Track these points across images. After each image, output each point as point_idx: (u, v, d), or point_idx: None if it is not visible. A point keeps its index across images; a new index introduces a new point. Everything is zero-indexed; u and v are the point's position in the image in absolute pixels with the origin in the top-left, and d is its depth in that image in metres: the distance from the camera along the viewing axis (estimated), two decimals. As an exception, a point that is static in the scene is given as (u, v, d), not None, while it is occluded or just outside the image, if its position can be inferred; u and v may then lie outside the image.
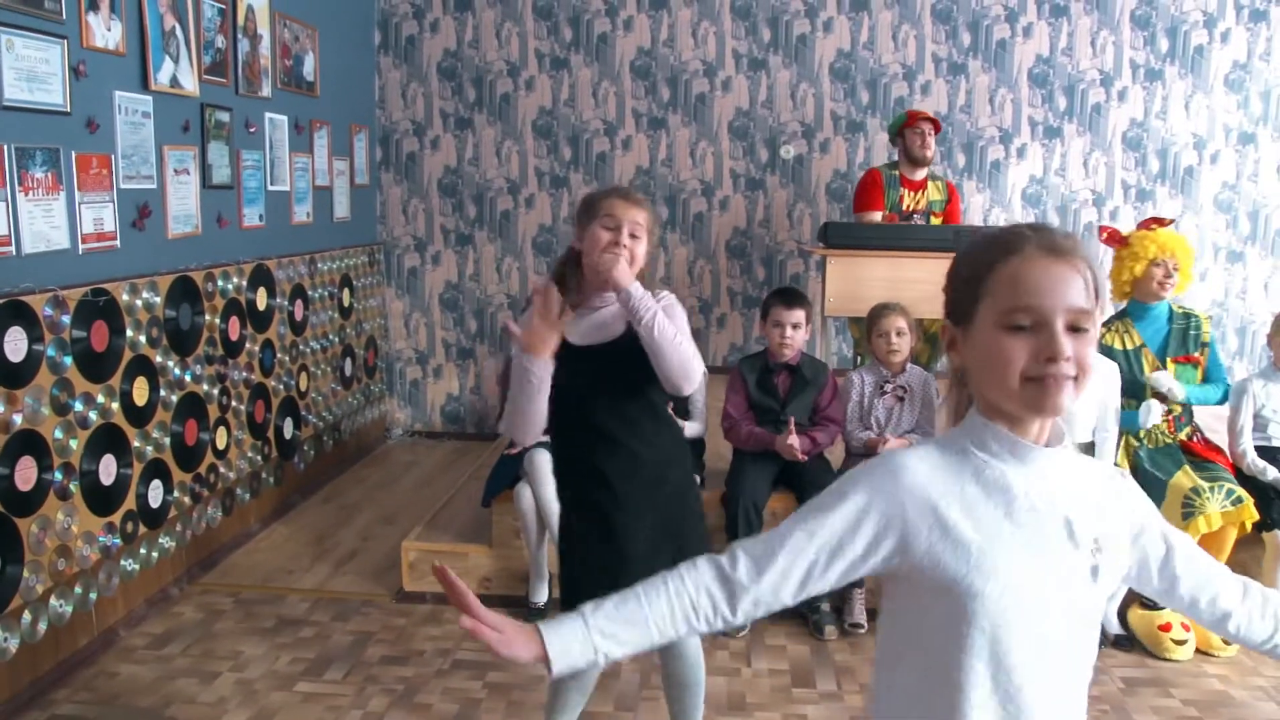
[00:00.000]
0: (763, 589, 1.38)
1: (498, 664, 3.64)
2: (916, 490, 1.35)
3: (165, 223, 4.16)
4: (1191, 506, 3.77)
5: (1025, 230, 1.36)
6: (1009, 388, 1.32)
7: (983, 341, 1.34)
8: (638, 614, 1.38)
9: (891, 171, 5.44)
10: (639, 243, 2.53)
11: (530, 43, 6.34)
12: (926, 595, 1.37)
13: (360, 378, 6.27)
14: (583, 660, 1.36)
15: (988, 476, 1.36)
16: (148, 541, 4.02)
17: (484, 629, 1.35)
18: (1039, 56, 6.24)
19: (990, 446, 1.37)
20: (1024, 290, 1.30)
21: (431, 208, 6.54)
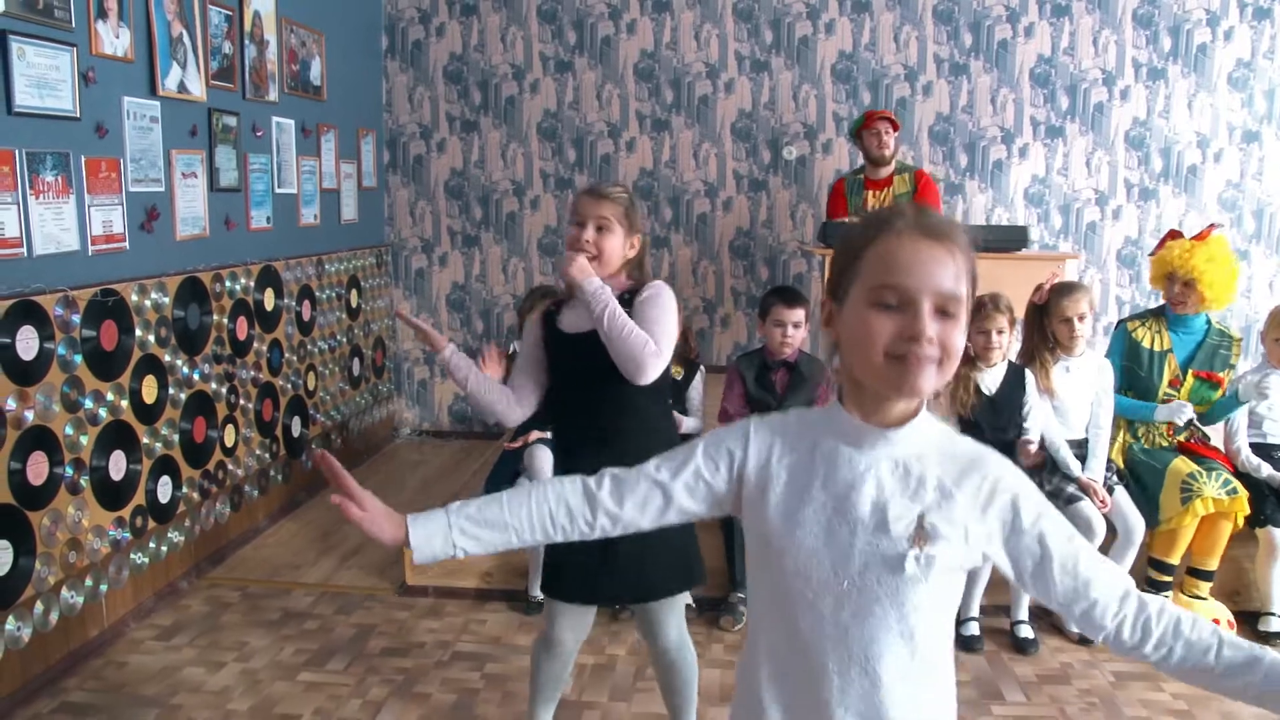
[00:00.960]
0: (623, 510, 1.51)
1: (496, 656, 3.72)
2: (761, 447, 1.46)
3: (173, 225, 4.25)
4: (1190, 490, 3.82)
5: (905, 209, 1.37)
6: (873, 364, 1.33)
7: (852, 317, 1.36)
8: (498, 518, 1.50)
9: (856, 176, 5.55)
10: (607, 235, 2.60)
11: (535, 46, 6.42)
12: (752, 540, 1.49)
13: (368, 377, 6.36)
14: (443, 552, 1.49)
15: (820, 450, 1.42)
16: (157, 536, 4.12)
17: (351, 506, 1.47)
18: (1041, 56, 6.28)
19: (833, 424, 1.43)
20: (893, 269, 1.32)
21: (438, 210, 6.63)
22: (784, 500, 1.42)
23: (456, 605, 4.13)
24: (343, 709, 3.34)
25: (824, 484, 1.40)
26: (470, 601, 4.16)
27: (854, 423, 1.40)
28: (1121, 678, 3.65)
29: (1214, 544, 3.89)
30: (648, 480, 1.50)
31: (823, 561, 1.38)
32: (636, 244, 2.68)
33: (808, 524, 1.39)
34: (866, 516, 1.38)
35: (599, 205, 2.61)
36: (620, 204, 2.63)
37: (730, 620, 3.93)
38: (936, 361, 1.31)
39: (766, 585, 1.47)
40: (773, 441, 1.46)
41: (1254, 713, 3.45)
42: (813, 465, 1.42)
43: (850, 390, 1.42)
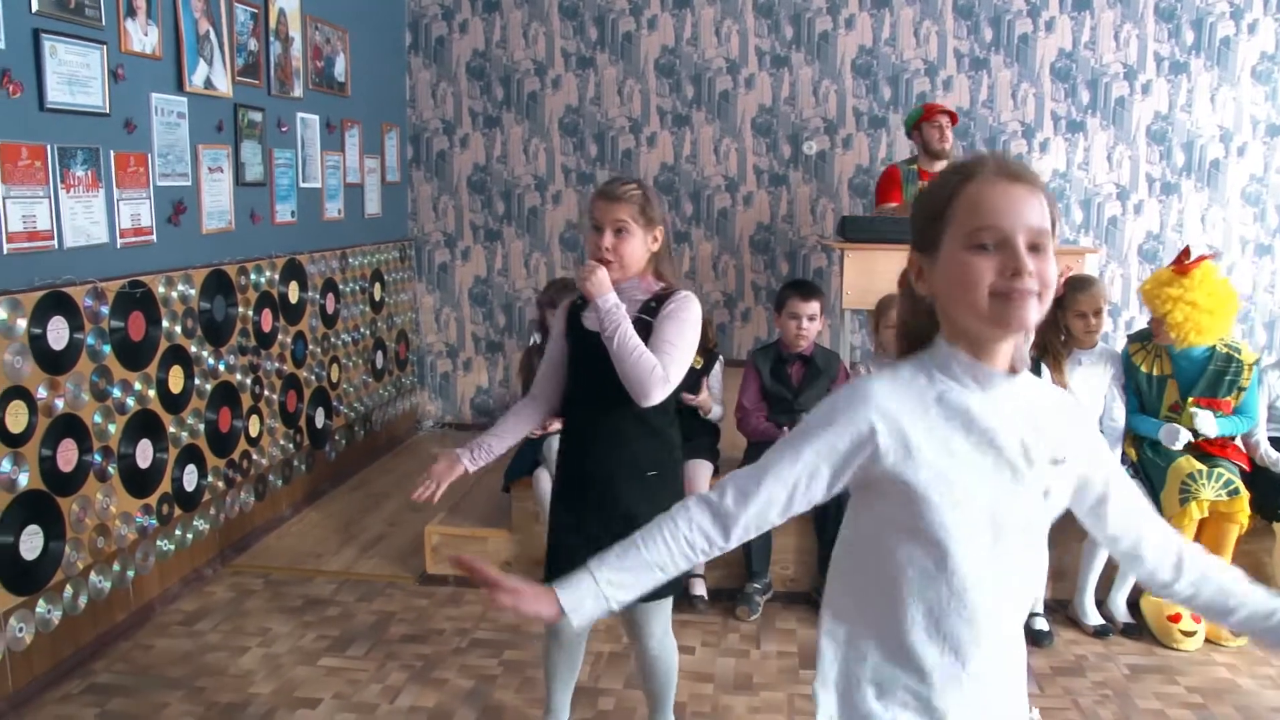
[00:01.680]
0: (750, 515, 1.50)
1: (513, 642, 3.78)
2: (886, 412, 1.45)
3: (200, 218, 4.33)
4: (1188, 491, 3.82)
5: (984, 156, 1.44)
6: (978, 306, 1.38)
7: (949, 264, 1.41)
8: (639, 560, 1.52)
9: (910, 166, 5.50)
10: (626, 238, 2.59)
11: (557, 42, 6.47)
12: (888, 507, 1.48)
13: (391, 370, 6.44)
14: (597, 610, 1.50)
15: (949, 400, 1.45)
16: (183, 523, 4.20)
17: (503, 592, 1.50)
18: (1061, 50, 6.27)
19: (953, 371, 1.46)
20: (986, 211, 1.38)
21: (461, 204, 6.69)
22: (930, 458, 1.44)
23: (476, 594, 4.19)
24: (362, 693, 3.40)
25: (966, 433, 1.45)
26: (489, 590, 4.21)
27: (981, 369, 1.45)
28: (1136, 670, 3.67)
29: (1220, 548, 3.84)
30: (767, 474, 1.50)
31: (981, 507, 1.45)
32: (659, 237, 2.65)
33: (959, 475, 1.44)
34: (1015, 456, 1.45)
35: (613, 208, 2.59)
36: (635, 202, 2.60)
37: (745, 610, 3.97)
38: (1037, 294, 1.38)
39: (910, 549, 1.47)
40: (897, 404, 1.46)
41: (1269, 705, 3.47)
42: (948, 417, 1.45)
43: (956, 338, 1.46)
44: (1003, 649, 1.52)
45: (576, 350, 2.72)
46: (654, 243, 2.66)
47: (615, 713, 3.31)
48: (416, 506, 5.11)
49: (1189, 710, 3.42)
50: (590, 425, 2.69)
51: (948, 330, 1.47)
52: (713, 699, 3.41)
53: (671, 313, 2.59)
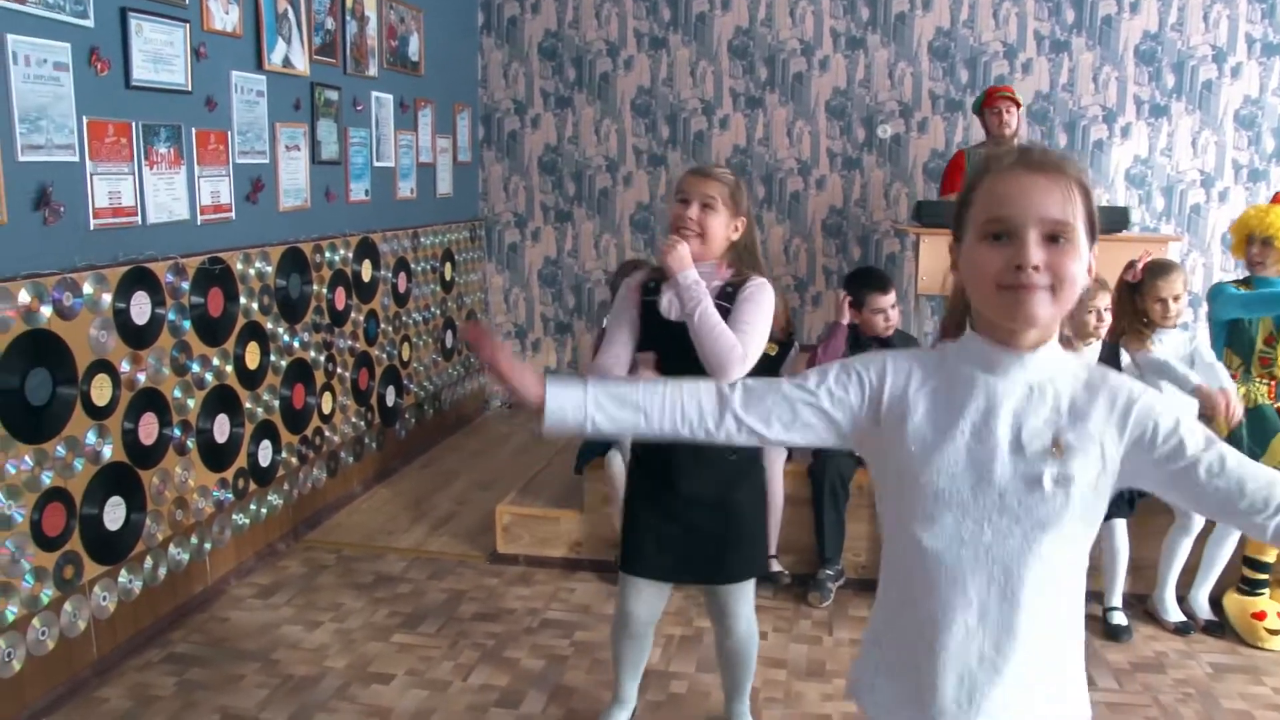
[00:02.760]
0: (749, 417, 1.52)
1: (584, 623, 3.78)
2: (898, 376, 1.48)
3: (277, 196, 4.36)
4: None
5: (1014, 149, 1.44)
6: (986, 295, 1.39)
7: (967, 253, 1.43)
8: (632, 398, 1.53)
9: (977, 150, 5.43)
10: (711, 214, 2.59)
11: (629, 23, 6.43)
12: (888, 475, 1.51)
13: (460, 349, 6.46)
14: (573, 420, 1.51)
15: (957, 376, 1.46)
16: (257, 498, 4.25)
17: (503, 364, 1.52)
18: (1146, 33, 6.11)
19: (965, 351, 1.47)
20: (997, 202, 1.38)
21: (532, 185, 6.69)
22: (923, 426, 1.45)
23: (546, 574, 4.19)
24: (434, 670, 3.42)
25: (962, 409, 1.44)
26: (559, 570, 4.23)
27: (988, 349, 1.44)
28: (1219, 669, 3.58)
29: None
30: (776, 392, 1.52)
31: (963, 485, 1.43)
32: (740, 227, 2.66)
33: (947, 449, 1.43)
34: (1005, 438, 1.43)
35: (705, 184, 2.61)
36: (726, 184, 2.62)
37: (818, 597, 3.93)
38: (1048, 289, 1.35)
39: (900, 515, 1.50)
40: (910, 370, 1.49)
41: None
42: (951, 392, 1.46)
43: (981, 323, 1.46)
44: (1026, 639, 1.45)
45: (652, 335, 2.68)
46: (735, 231, 2.65)
47: (688, 696, 3.29)
48: (485, 486, 5.19)
49: (1277, 713, 3.33)
50: None
51: (975, 316, 1.47)
52: (785, 685, 3.39)
53: (749, 296, 2.58)
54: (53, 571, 3.13)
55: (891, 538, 1.55)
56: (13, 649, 2.99)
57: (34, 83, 3.04)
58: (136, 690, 3.26)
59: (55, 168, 3.15)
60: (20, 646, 3.02)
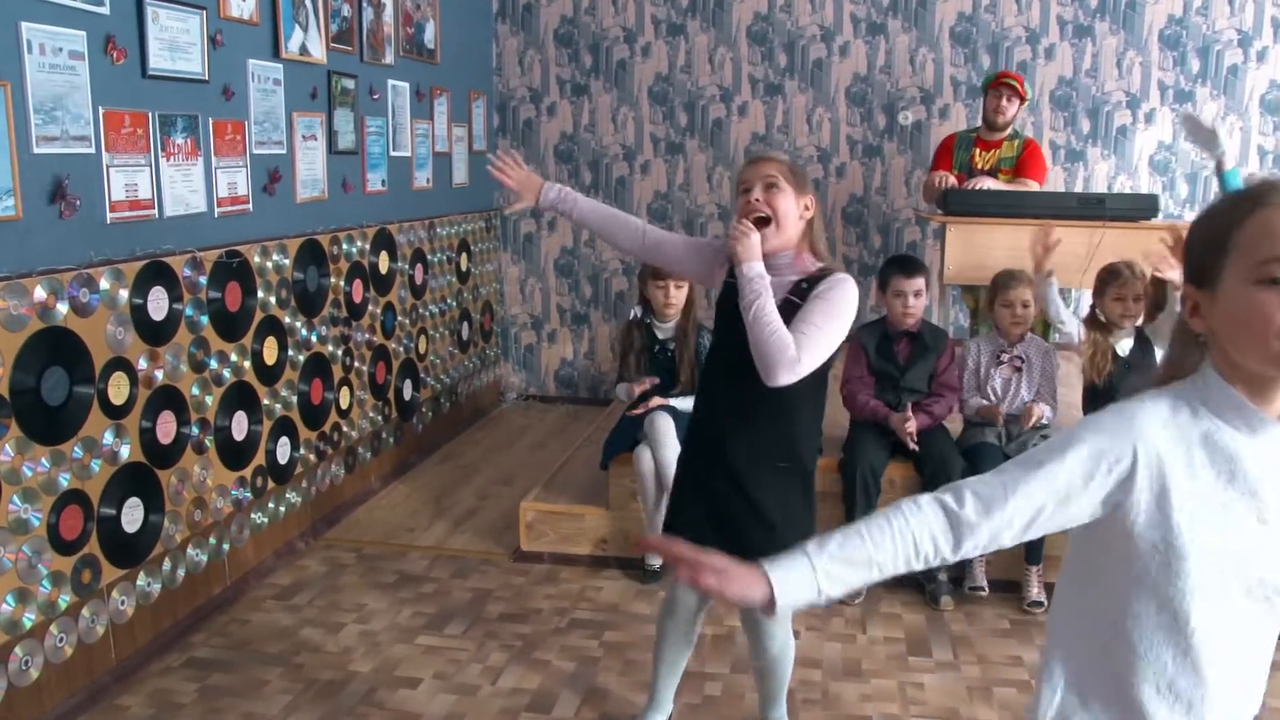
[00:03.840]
0: (988, 530, 1.36)
1: (614, 624, 3.69)
2: (1148, 443, 1.31)
3: (294, 187, 4.27)
4: None
5: (1273, 183, 1.28)
6: (1267, 348, 1.24)
7: (1233, 300, 1.26)
8: (861, 554, 1.35)
9: (969, 134, 5.39)
10: (777, 193, 2.46)
11: (646, 9, 6.32)
12: (1128, 544, 1.34)
13: (476, 342, 6.38)
14: (807, 598, 1.35)
15: (1216, 441, 1.31)
16: (276, 496, 4.17)
17: (707, 572, 1.35)
18: (1171, 17, 5.99)
19: (1223, 411, 1.32)
20: (1278, 240, 1.23)
21: (548, 174, 6.58)
22: (1187, 502, 1.31)
23: (572, 572, 4.11)
24: (463, 673, 3.34)
25: (1230, 480, 1.31)
26: (585, 568, 4.14)
27: (1254, 412, 1.30)
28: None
29: None
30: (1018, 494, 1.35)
31: (1232, 561, 1.31)
32: (811, 205, 2.54)
33: (1216, 523, 1.31)
34: (1275, 510, 1.31)
35: (762, 166, 2.50)
36: (784, 162, 2.53)
37: (851, 594, 3.85)
38: None
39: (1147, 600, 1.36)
40: (1162, 440, 1.32)
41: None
42: (1213, 460, 1.32)
43: (1234, 375, 1.31)
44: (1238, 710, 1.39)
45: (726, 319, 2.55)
46: (806, 210, 2.53)
47: (723, 698, 3.21)
48: (507, 480, 5.10)
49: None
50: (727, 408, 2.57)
51: (1224, 365, 1.32)
52: (821, 685, 3.31)
53: (822, 292, 2.44)
54: (70, 576, 3.06)
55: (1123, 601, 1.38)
56: (30, 656, 2.92)
57: (49, 72, 2.95)
58: (157, 697, 3.18)
59: (71, 160, 3.06)
60: (38, 654, 2.95)
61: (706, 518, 2.59)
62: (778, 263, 2.50)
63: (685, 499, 2.68)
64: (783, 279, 2.49)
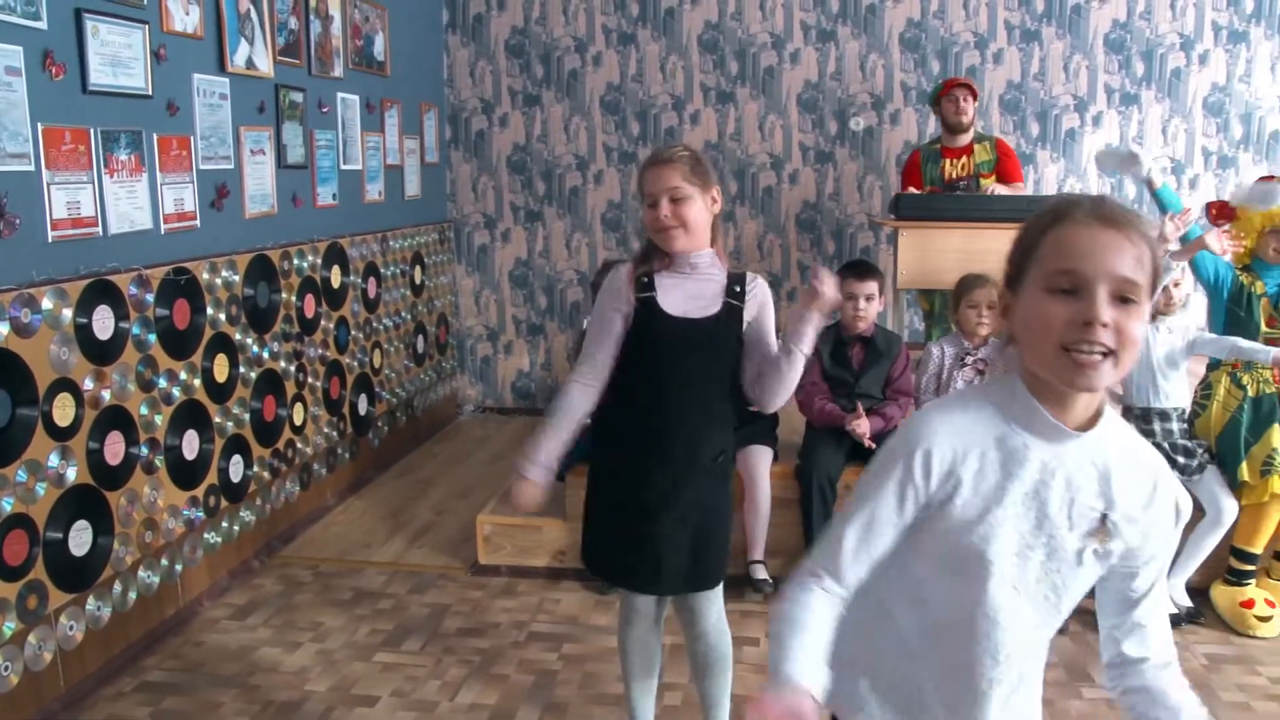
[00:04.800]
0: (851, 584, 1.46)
1: (573, 636, 3.68)
2: (944, 452, 1.39)
3: (242, 202, 4.23)
4: (1272, 465, 3.77)
5: (1082, 199, 1.36)
6: (1046, 354, 1.32)
7: (1027, 305, 1.35)
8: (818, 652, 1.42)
9: (932, 147, 5.43)
10: (685, 204, 2.44)
11: (597, 18, 6.32)
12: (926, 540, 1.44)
13: (432, 354, 6.34)
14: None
15: (1009, 445, 1.39)
16: (229, 515, 4.12)
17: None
18: (1115, 21, 6.09)
19: (1021, 417, 1.39)
20: (1068, 254, 1.31)
21: (501, 185, 6.57)
22: (974, 502, 1.39)
23: (530, 584, 4.09)
24: (421, 690, 3.31)
25: (1015, 480, 1.38)
26: (544, 580, 4.12)
27: (1046, 420, 1.37)
28: (1215, 660, 3.55)
29: None
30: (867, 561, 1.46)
31: (1009, 554, 1.40)
32: (718, 196, 2.53)
33: (997, 519, 1.39)
34: (1055, 513, 1.39)
35: (664, 175, 2.45)
36: (685, 163, 2.47)
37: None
38: (1111, 354, 1.29)
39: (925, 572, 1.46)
40: (955, 447, 1.40)
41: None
42: (1002, 461, 1.39)
43: (1033, 382, 1.38)
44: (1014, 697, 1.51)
45: (650, 334, 2.53)
46: (715, 204, 2.53)
47: (684, 709, 3.21)
48: (464, 494, 5.07)
49: (1274, 702, 3.30)
50: (673, 411, 2.54)
51: (1026, 372, 1.39)
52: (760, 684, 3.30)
53: (765, 306, 2.53)
54: (15, 603, 2.99)
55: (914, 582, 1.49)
56: (-23, 684, 2.86)
57: (-14, 90, 2.89)
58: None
59: (9, 178, 3.00)
60: (-15, 681, 2.89)
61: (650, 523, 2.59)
62: (699, 262, 2.51)
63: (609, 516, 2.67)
64: (712, 279, 2.51)
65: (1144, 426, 3.91)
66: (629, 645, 2.81)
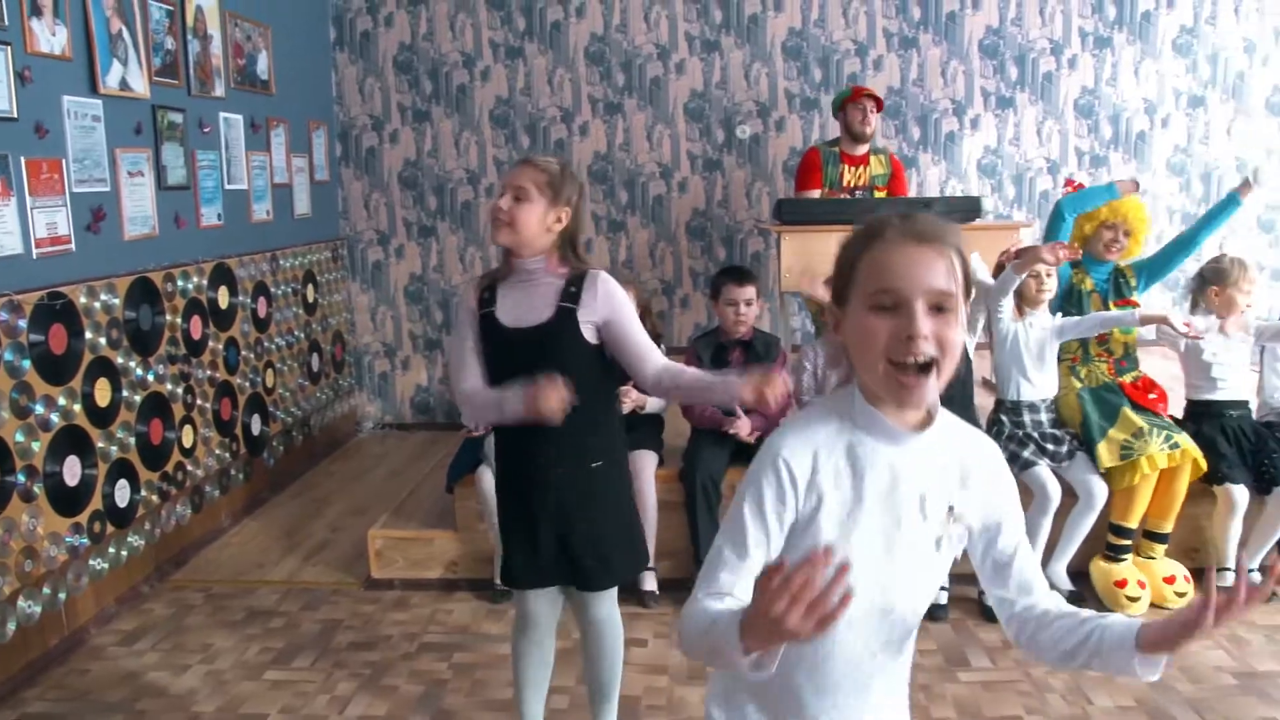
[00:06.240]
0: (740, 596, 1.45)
1: (464, 645, 3.71)
2: (802, 464, 1.46)
3: (121, 225, 4.19)
4: (1130, 448, 3.91)
5: (891, 219, 1.44)
6: (875, 369, 1.40)
7: (853, 323, 1.43)
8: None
9: (831, 149, 5.51)
10: (523, 205, 2.51)
11: (484, 33, 6.37)
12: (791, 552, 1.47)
13: (328, 372, 6.31)
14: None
15: (858, 453, 1.47)
16: (116, 541, 4.07)
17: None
18: (989, 28, 6.31)
19: (864, 424, 1.47)
20: (885, 273, 1.39)
21: (393, 201, 6.57)
22: (836, 510, 1.46)
23: (423, 596, 4.11)
24: (310, 705, 3.32)
25: (871, 484, 1.46)
26: (437, 592, 4.15)
27: (887, 424, 1.45)
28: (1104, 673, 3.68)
29: (1171, 502, 3.97)
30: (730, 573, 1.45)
31: (874, 556, 1.46)
32: (564, 218, 2.56)
33: (861, 524, 1.46)
34: (908, 508, 1.47)
35: (519, 174, 2.54)
36: (544, 171, 2.54)
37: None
38: (930, 365, 1.38)
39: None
40: (810, 459, 1.46)
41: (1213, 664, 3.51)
42: (855, 469, 1.46)
43: (869, 390, 1.46)
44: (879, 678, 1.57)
45: (498, 348, 2.59)
46: (557, 222, 2.56)
47: (571, 711, 3.26)
48: (361, 510, 5.06)
49: (1138, 676, 3.44)
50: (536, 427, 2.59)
51: (861, 381, 1.48)
52: (667, 691, 3.38)
53: (619, 302, 2.57)
54: (-112, 635, 2.95)
55: None
56: None
57: None
58: (-12, 754, 3.09)
59: None
60: None
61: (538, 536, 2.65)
62: (530, 267, 2.57)
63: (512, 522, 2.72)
64: (543, 283, 2.56)
65: (1015, 418, 4.07)
66: (522, 650, 2.86)
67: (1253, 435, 4.15)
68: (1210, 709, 3.25)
